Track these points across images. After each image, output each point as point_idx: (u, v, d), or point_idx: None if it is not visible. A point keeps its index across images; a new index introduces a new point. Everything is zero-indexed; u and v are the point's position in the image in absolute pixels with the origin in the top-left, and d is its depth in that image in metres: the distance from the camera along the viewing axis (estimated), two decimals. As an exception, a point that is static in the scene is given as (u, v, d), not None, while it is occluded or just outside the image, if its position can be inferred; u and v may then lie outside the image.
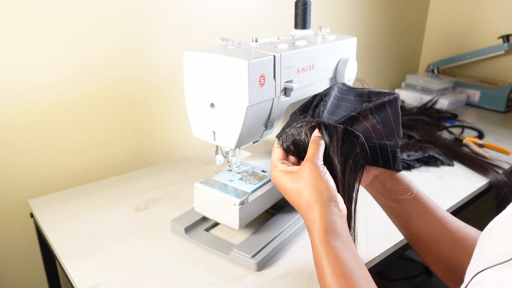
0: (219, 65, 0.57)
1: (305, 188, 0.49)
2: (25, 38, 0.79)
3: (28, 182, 0.88)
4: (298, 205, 0.50)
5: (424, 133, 1.17)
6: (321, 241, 0.45)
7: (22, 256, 0.92)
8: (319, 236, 0.46)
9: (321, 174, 0.49)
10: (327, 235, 0.45)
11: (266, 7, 1.16)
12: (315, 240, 0.47)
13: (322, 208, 0.47)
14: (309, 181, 0.49)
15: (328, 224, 0.46)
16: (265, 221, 0.74)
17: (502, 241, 0.40)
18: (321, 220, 0.46)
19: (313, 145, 0.51)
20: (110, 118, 0.96)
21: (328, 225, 0.46)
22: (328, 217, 0.46)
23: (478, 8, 1.58)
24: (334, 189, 0.49)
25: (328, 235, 0.46)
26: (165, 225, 0.76)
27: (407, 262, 1.65)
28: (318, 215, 0.47)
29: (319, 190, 0.48)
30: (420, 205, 0.55)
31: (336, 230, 0.46)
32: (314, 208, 0.48)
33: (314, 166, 0.49)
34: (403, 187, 0.56)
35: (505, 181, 0.97)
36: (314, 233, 0.47)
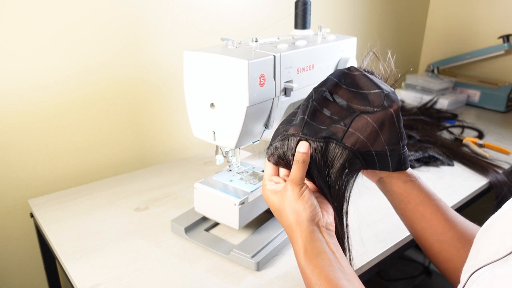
0: (219, 65, 0.57)
1: (285, 209, 0.50)
2: (25, 38, 0.79)
3: (28, 182, 0.88)
4: (283, 225, 0.51)
5: (424, 133, 1.17)
6: (304, 261, 0.46)
7: (22, 256, 0.92)
8: (300, 256, 0.47)
9: (299, 195, 0.49)
10: (308, 255, 0.46)
11: (266, 7, 1.16)
12: (298, 261, 0.47)
13: (301, 230, 0.48)
14: (289, 202, 0.49)
15: (308, 244, 0.47)
16: (265, 221, 0.74)
17: (497, 239, 0.40)
18: (301, 241, 0.47)
19: (295, 165, 0.51)
20: (110, 118, 0.96)
21: (307, 246, 0.47)
22: (308, 238, 0.47)
23: (478, 8, 1.58)
24: (315, 207, 0.49)
25: (310, 255, 0.46)
26: (165, 225, 0.76)
27: (407, 262, 1.65)
28: (298, 236, 0.48)
29: (297, 211, 0.49)
30: (427, 207, 0.54)
31: (317, 249, 0.47)
32: (294, 229, 0.49)
33: (293, 187, 0.50)
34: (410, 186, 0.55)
35: (505, 181, 0.97)
36: (296, 253, 0.48)
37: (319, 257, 0.46)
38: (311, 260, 0.46)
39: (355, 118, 0.50)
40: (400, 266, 1.63)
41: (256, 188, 0.68)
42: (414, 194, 0.55)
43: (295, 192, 0.49)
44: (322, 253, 0.46)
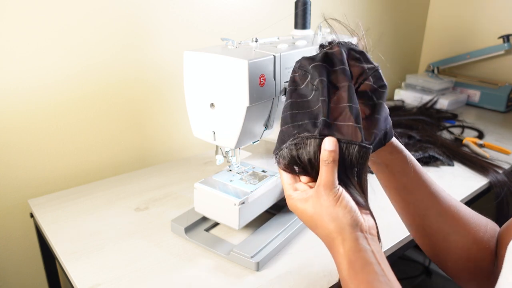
0: (219, 65, 0.57)
1: (322, 217, 0.44)
2: (25, 38, 0.79)
3: (28, 182, 0.88)
4: (319, 235, 0.46)
5: (424, 133, 1.17)
6: (348, 275, 0.41)
7: (22, 256, 0.92)
8: (344, 269, 0.42)
9: (336, 200, 0.43)
10: (353, 269, 0.41)
11: (266, 7, 1.16)
12: (341, 275, 0.42)
13: (343, 238, 0.42)
14: (324, 209, 0.44)
15: (352, 255, 0.41)
16: (265, 221, 0.74)
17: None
18: (344, 252, 0.42)
19: (323, 165, 0.44)
20: (110, 118, 0.96)
21: (352, 257, 0.41)
22: (352, 246, 0.42)
23: (478, 8, 1.58)
24: (355, 210, 0.44)
25: (355, 268, 0.41)
26: (165, 225, 0.76)
27: (407, 262, 1.65)
28: (340, 246, 0.42)
29: (336, 217, 0.43)
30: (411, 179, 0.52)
31: (363, 259, 0.41)
32: (335, 238, 0.43)
33: (327, 192, 0.44)
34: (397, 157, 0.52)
35: (505, 181, 0.97)
36: (339, 266, 0.43)
37: (365, 270, 0.40)
38: (357, 274, 0.40)
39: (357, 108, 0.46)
40: (400, 266, 1.63)
41: (256, 188, 0.68)
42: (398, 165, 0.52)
43: (331, 197, 0.43)
44: (368, 265, 0.41)
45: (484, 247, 0.52)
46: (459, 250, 0.52)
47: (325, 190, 0.44)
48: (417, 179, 0.52)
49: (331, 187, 0.44)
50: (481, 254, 0.52)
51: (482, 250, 0.52)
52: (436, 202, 0.52)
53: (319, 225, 0.45)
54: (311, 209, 0.45)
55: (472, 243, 0.52)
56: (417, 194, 0.52)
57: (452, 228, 0.52)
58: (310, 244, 0.71)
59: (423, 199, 0.52)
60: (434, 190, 0.53)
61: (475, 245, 0.52)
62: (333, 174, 0.44)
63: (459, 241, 0.52)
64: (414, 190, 0.52)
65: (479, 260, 0.52)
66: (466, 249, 0.52)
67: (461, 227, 0.52)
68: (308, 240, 0.73)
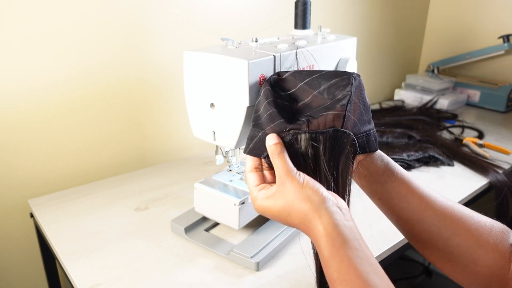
0: (219, 65, 0.57)
1: (292, 203, 0.44)
2: (25, 38, 0.79)
3: (28, 182, 0.88)
4: (295, 224, 0.46)
5: (424, 133, 1.17)
6: (329, 251, 0.40)
7: (22, 256, 0.92)
8: (324, 247, 0.41)
9: (301, 183, 0.44)
10: (334, 244, 0.41)
11: (266, 7, 1.16)
12: (323, 253, 0.42)
13: (319, 215, 0.42)
14: (293, 194, 0.44)
15: (332, 231, 0.41)
16: (265, 221, 0.74)
17: None
18: (324, 228, 0.42)
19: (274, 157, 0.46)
20: (110, 118, 0.96)
21: (332, 232, 0.41)
22: (330, 221, 0.42)
23: (478, 8, 1.58)
24: (322, 190, 0.45)
25: (335, 243, 0.41)
26: (165, 225, 0.76)
27: (407, 262, 1.65)
28: (319, 224, 0.42)
29: (306, 197, 0.44)
30: (402, 185, 0.52)
31: (342, 235, 0.41)
32: (311, 218, 0.43)
33: (290, 178, 0.45)
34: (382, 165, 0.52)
35: (505, 181, 0.97)
36: (318, 245, 0.42)
37: (346, 246, 0.40)
38: (338, 250, 0.40)
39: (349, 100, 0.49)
40: (400, 266, 1.63)
41: (256, 188, 0.68)
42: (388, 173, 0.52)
43: (295, 181, 0.44)
44: (348, 241, 0.40)
45: (492, 249, 0.49)
46: (464, 255, 0.50)
47: (287, 177, 0.45)
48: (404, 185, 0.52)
49: (292, 173, 0.45)
50: (490, 258, 0.49)
51: (489, 253, 0.49)
52: (430, 205, 0.51)
53: (292, 211, 0.45)
54: (281, 200, 0.45)
55: (477, 247, 0.49)
56: (408, 199, 0.51)
57: (451, 231, 0.50)
58: (310, 244, 0.71)
59: (414, 202, 0.51)
60: (425, 193, 0.52)
61: (481, 248, 0.49)
62: (288, 162, 0.46)
63: (461, 244, 0.50)
64: (403, 196, 0.52)
65: (488, 264, 0.49)
66: (471, 253, 0.49)
67: (461, 229, 0.50)
68: (308, 240, 0.72)
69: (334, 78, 0.51)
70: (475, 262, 0.50)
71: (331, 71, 0.53)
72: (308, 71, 0.54)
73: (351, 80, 0.50)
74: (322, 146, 0.48)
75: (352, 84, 0.50)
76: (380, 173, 0.52)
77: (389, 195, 0.53)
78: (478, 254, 0.49)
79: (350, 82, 0.50)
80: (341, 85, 0.51)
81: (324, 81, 0.52)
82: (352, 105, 0.49)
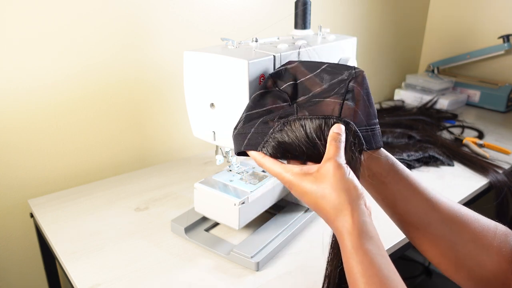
0: (219, 65, 0.57)
1: (331, 189, 0.44)
2: (25, 38, 0.79)
3: (28, 182, 0.88)
4: (323, 208, 0.46)
5: (424, 133, 1.17)
6: (355, 245, 0.42)
7: (22, 256, 0.92)
8: (351, 239, 0.42)
9: (346, 173, 0.45)
10: (361, 239, 0.42)
11: (266, 7, 1.16)
12: (346, 245, 0.42)
13: (353, 208, 0.43)
14: (335, 181, 0.44)
15: (361, 226, 0.42)
16: (265, 221, 0.74)
17: None
18: (353, 222, 0.43)
19: (333, 142, 0.46)
20: (110, 118, 0.96)
21: (361, 227, 0.42)
22: (360, 218, 0.43)
23: (478, 8, 1.58)
24: (361, 187, 0.45)
25: (362, 238, 0.42)
26: (165, 225, 0.76)
27: (407, 262, 1.65)
28: (350, 217, 0.43)
29: (347, 189, 0.44)
30: (407, 187, 0.51)
31: (369, 232, 0.42)
32: (344, 209, 0.43)
33: (338, 165, 0.45)
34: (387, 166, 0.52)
35: (505, 181, 0.97)
36: (345, 237, 0.43)
37: (370, 242, 0.41)
38: (363, 245, 0.41)
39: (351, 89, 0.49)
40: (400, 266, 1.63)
41: (256, 188, 0.68)
42: (392, 173, 0.52)
43: (342, 170, 0.44)
44: (372, 239, 0.42)
45: (496, 252, 0.49)
46: (469, 259, 0.49)
47: (335, 162, 0.45)
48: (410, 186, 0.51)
49: (340, 160, 0.45)
50: (494, 261, 0.49)
51: (494, 257, 0.49)
52: (435, 208, 0.51)
53: (328, 195, 0.45)
54: (320, 180, 0.45)
55: (481, 249, 0.49)
56: (414, 201, 0.51)
57: (456, 235, 0.50)
58: (310, 244, 0.71)
59: (420, 205, 0.51)
60: (431, 195, 0.51)
61: (485, 251, 0.49)
62: (341, 150, 0.46)
63: (466, 248, 0.49)
64: (409, 197, 0.51)
65: (493, 268, 0.49)
66: (476, 256, 0.49)
67: (466, 233, 0.50)
68: (308, 240, 0.73)
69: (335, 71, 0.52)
70: (479, 265, 0.49)
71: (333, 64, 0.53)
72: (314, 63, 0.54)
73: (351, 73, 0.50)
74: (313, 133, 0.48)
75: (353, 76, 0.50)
76: (385, 174, 0.52)
77: (394, 197, 0.52)
78: (482, 257, 0.49)
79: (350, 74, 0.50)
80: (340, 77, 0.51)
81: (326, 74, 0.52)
82: (353, 94, 0.49)
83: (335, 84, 0.51)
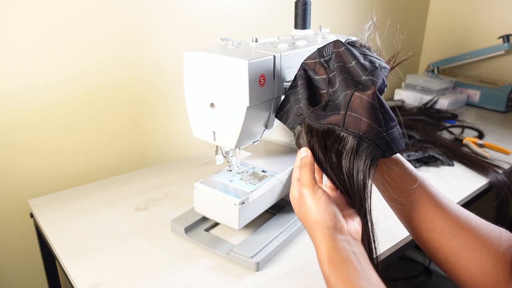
0: (219, 65, 0.57)
1: (305, 217, 0.48)
2: (25, 38, 0.79)
3: (28, 182, 0.88)
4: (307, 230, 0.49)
5: (424, 133, 1.17)
6: (328, 269, 0.43)
7: (22, 256, 0.92)
8: (324, 264, 0.44)
9: (315, 201, 0.47)
10: (333, 264, 0.43)
11: (266, 7, 1.16)
12: (322, 269, 0.45)
13: (324, 237, 0.45)
14: (307, 208, 0.48)
15: (331, 252, 0.44)
16: (265, 221, 0.74)
17: None
18: (325, 249, 0.45)
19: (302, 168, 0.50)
20: (110, 118, 0.96)
21: (331, 254, 0.44)
22: (331, 246, 0.44)
23: (478, 8, 1.58)
24: (334, 214, 0.47)
25: (334, 264, 0.43)
26: (165, 225, 0.76)
27: (407, 262, 1.65)
28: (321, 244, 0.45)
29: (316, 218, 0.47)
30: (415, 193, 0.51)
31: (342, 256, 0.44)
32: (316, 236, 0.46)
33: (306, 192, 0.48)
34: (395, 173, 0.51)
35: (505, 181, 0.97)
36: (320, 261, 0.45)
37: (344, 266, 0.43)
38: (336, 269, 0.43)
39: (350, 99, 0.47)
40: (400, 266, 1.63)
41: (256, 188, 0.68)
42: (401, 179, 0.51)
43: (309, 198, 0.48)
44: (347, 262, 0.43)
45: (501, 259, 0.49)
46: (472, 265, 0.49)
47: (304, 190, 0.49)
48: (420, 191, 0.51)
49: (309, 186, 0.48)
50: (498, 268, 0.49)
51: (498, 263, 0.49)
52: (443, 215, 0.50)
53: (304, 221, 0.49)
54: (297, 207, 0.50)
55: (487, 257, 0.49)
56: (422, 207, 0.51)
57: (462, 241, 0.49)
58: (310, 244, 0.71)
59: (428, 211, 0.51)
60: (440, 202, 0.51)
61: (491, 258, 0.49)
62: (309, 174, 0.49)
63: (471, 254, 0.49)
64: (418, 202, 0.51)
65: (496, 274, 0.49)
66: (480, 263, 0.49)
67: (473, 240, 0.49)
68: (308, 240, 0.72)
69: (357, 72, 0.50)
70: (483, 272, 0.49)
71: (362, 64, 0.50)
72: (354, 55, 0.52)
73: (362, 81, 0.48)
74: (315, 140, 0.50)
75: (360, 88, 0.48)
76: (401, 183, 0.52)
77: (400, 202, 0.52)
78: (487, 264, 0.49)
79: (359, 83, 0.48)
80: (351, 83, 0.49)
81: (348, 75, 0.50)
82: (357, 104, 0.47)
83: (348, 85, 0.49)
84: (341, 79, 0.50)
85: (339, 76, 0.50)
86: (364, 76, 0.49)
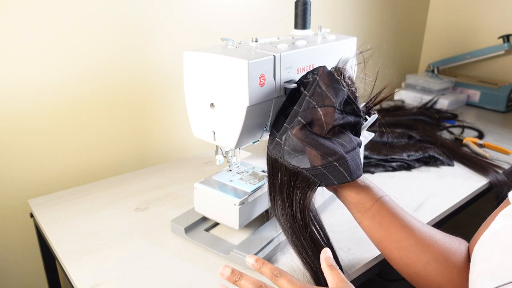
0: (219, 65, 0.57)
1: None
2: (26, 39, 0.79)
3: (28, 182, 0.88)
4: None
5: (424, 133, 1.17)
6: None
7: (22, 256, 0.92)
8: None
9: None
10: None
11: (266, 7, 1.16)
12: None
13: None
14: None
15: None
16: (265, 221, 0.74)
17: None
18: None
19: (331, 270, 0.52)
20: (110, 118, 0.96)
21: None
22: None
23: (478, 8, 1.58)
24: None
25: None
26: (165, 225, 0.76)
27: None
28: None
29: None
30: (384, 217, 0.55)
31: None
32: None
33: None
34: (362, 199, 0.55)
35: (505, 181, 0.96)
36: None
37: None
38: None
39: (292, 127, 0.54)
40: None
41: (256, 188, 0.68)
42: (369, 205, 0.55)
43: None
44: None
45: (464, 268, 0.53)
46: (440, 276, 0.53)
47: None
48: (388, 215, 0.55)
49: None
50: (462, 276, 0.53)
51: (462, 273, 0.53)
52: (410, 234, 0.54)
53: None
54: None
55: (452, 267, 0.53)
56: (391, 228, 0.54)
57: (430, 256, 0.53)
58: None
59: (397, 232, 0.54)
60: (407, 221, 0.55)
61: (455, 268, 0.53)
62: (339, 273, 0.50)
63: (439, 268, 0.53)
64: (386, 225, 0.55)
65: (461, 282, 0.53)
66: (447, 274, 0.53)
67: (439, 254, 0.53)
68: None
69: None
70: (450, 281, 0.53)
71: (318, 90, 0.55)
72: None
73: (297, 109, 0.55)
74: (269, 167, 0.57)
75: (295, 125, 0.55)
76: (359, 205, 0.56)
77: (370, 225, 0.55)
78: (453, 274, 0.53)
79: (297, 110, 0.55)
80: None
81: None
82: (289, 141, 0.54)
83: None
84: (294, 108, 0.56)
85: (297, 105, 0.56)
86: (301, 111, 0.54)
